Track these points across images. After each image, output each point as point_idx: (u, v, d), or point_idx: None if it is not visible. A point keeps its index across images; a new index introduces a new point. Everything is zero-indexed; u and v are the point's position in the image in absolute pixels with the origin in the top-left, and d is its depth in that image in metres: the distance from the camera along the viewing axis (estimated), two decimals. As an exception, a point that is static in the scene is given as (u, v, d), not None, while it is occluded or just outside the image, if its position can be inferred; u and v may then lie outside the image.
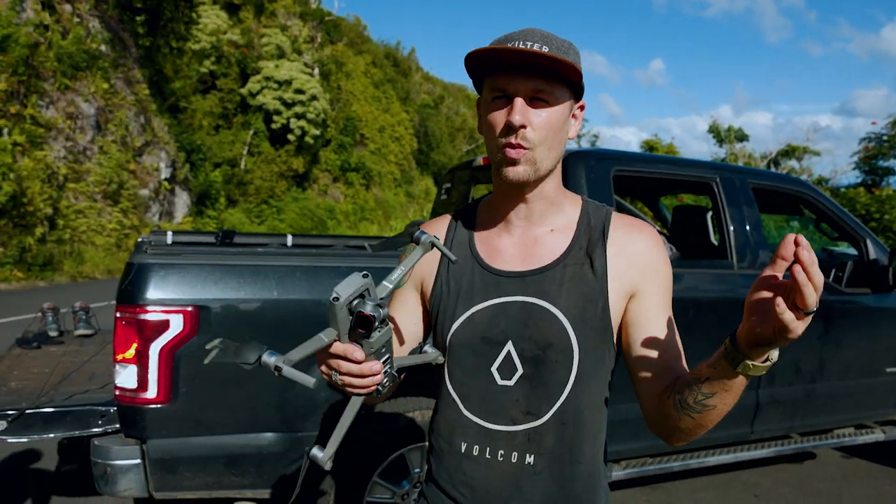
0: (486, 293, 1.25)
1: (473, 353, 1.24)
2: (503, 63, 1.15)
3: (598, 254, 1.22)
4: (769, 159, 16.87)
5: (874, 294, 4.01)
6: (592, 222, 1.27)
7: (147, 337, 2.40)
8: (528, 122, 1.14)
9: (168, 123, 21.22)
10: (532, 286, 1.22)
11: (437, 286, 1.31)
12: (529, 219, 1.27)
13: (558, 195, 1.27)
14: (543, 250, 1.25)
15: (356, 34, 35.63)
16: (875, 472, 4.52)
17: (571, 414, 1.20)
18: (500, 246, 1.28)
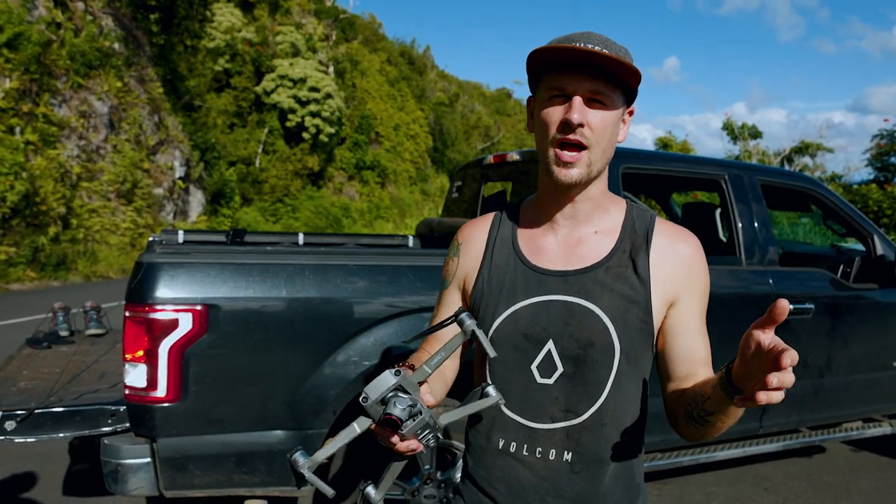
0: (528, 291, 1.27)
1: (514, 349, 1.26)
2: (564, 62, 1.16)
3: (642, 258, 1.24)
4: (783, 156, 16.76)
5: (881, 289, 4.02)
6: (637, 226, 1.28)
7: (156, 336, 2.44)
8: (586, 122, 1.16)
9: (182, 122, 21.32)
10: (575, 285, 1.24)
11: (478, 283, 1.33)
12: (575, 219, 1.28)
13: (604, 198, 1.29)
14: (587, 251, 1.27)
15: (371, 32, 35.67)
16: (883, 465, 4.55)
17: (610, 414, 1.22)
18: (544, 245, 1.30)
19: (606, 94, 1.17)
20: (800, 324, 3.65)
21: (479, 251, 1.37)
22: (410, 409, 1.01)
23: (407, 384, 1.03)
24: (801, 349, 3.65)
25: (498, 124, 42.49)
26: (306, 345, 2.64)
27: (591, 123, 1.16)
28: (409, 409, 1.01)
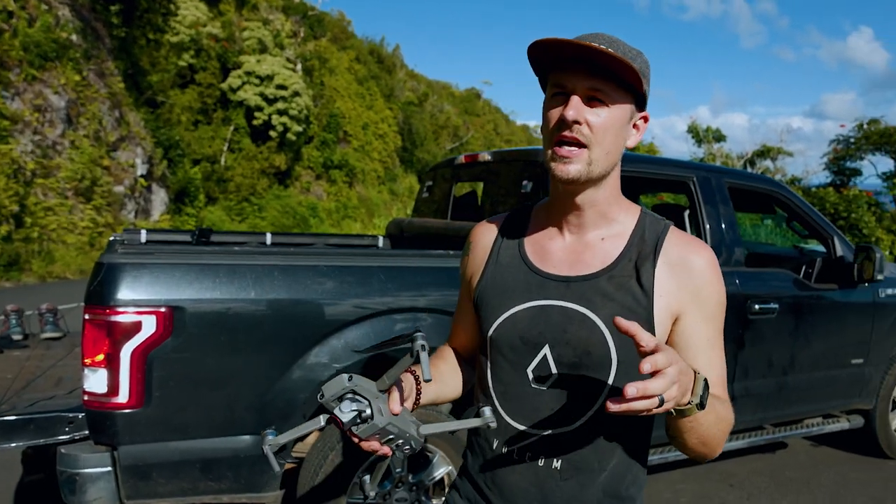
0: (528, 294, 1.26)
1: (511, 351, 1.25)
2: (563, 59, 1.16)
3: (647, 268, 1.21)
4: (745, 159, 17.04)
5: (841, 289, 4.11)
6: (646, 235, 1.25)
7: (118, 339, 2.37)
8: (583, 120, 1.14)
9: (144, 118, 20.90)
10: (575, 292, 1.22)
11: (482, 283, 1.34)
12: (581, 225, 1.26)
13: (613, 204, 1.26)
14: (592, 258, 1.25)
15: (340, 29, 35.40)
16: (841, 459, 4.68)
17: (604, 424, 1.21)
18: (549, 248, 1.29)
19: (606, 93, 1.15)
20: (765, 323, 3.70)
21: (485, 251, 1.37)
22: (359, 414, 1.06)
23: (363, 390, 1.08)
24: (766, 348, 3.75)
25: (467, 124, 42.52)
26: (275, 347, 2.60)
27: (589, 122, 1.14)
28: (355, 413, 1.06)
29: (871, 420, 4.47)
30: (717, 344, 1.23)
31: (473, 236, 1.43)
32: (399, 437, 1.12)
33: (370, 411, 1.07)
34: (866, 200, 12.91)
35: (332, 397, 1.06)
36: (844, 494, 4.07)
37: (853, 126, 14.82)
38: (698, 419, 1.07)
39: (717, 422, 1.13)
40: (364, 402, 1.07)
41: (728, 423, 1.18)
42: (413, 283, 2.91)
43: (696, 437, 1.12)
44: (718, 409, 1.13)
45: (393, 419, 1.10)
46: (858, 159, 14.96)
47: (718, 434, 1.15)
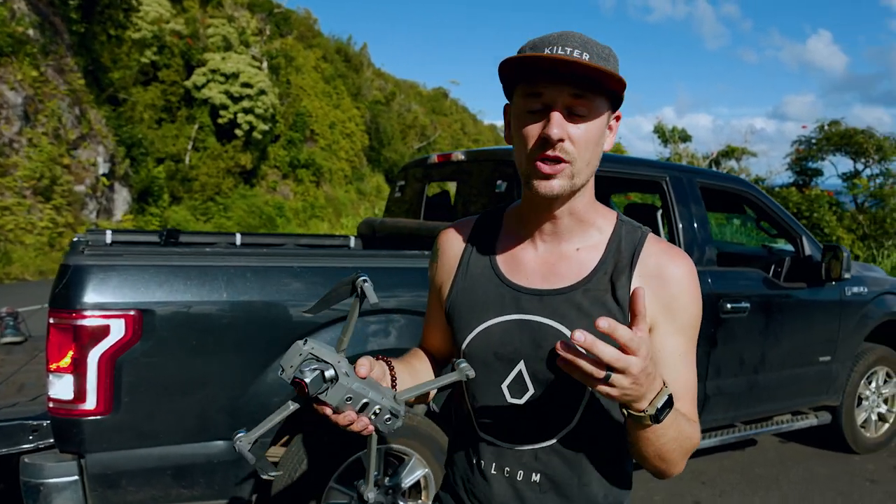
0: (502, 308, 1.21)
1: (485, 367, 1.21)
2: (541, 71, 1.08)
3: (623, 282, 1.16)
4: (711, 159, 17.28)
5: (809, 288, 4.17)
6: (623, 245, 1.19)
7: (84, 344, 2.29)
8: (567, 136, 1.08)
9: (106, 116, 20.47)
10: (549, 307, 1.18)
11: (452, 294, 1.29)
12: (557, 234, 1.21)
13: (589, 212, 1.21)
14: (567, 270, 1.19)
15: (306, 27, 35.13)
16: (809, 455, 4.74)
17: (582, 438, 1.18)
18: (522, 259, 1.23)
19: (588, 104, 1.09)
20: (737, 322, 3.74)
21: (455, 258, 1.32)
22: (322, 374, 1.00)
23: (323, 353, 1.02)
24: (737, 346, 3.78)
25: (434, 124, 42.50)
26: (248, 351, 2.54)
27: (572, 137, 1.09)
28: (317, 373, 1.00)
29: (838, 416, 4.55)
30: (689, 358, 1.18)
31: (441, 242, 1.37)
32: (375, 403, 1.04)
33: (334, 371, 1.01)
34: (827, 200, 13.19)
35: (292, 368, 1.02)
36: (812, 489, 4.14)
37: (815, 127, 15.12)
38: (655, 431, 1.04)
39: (679, 438, 1.09)
40: (326, 364, 1.02)
41: (692, 442, 1.13)
42: (388, 283, 2.88)
43: (654, 450, 1.08)
44: (682, 426, 1.09)
45: (362, 382, 1.04)
46: (820, 160, 15.26)
47: (679, 451, 1.11)
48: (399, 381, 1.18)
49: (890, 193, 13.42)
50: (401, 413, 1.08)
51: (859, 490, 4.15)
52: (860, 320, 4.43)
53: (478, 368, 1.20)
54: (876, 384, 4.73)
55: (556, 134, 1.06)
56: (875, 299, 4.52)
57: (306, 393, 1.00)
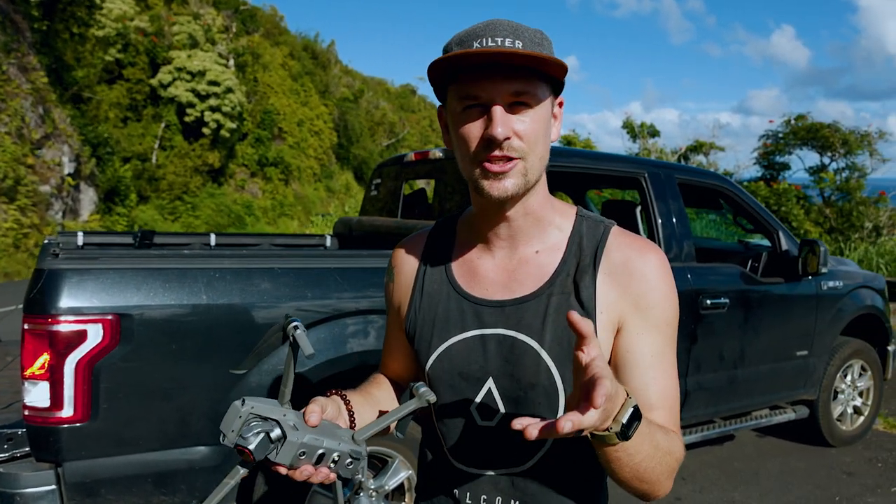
0: (463, 324, 1.12)
1: (451, 390, 1.13)
2: (472, 67, 0.99)
3: (587, 282, 1.07)
4: (679, 154, 17.41)
5: (786, 283, 4.20)
6: (584, 242, 1.11)
7: (61, 350, 2.22)
8: (512, 133, 0.99)
9: (70, 115, 20.09)
10: (513, 318, 1.09)
11: (410, 314, 1.20)
12: (513, 238, 1.12)
13: (545, 209, 1.12)
14: (527, 276, 1.11)
15: (273, 25, 34.78)
16: (787, 449, 4.79)
17: (560, 459, 1.10)
18: (479, 270, 1.15)
19: (530, 94, 1.00)
20: (715, 318, 3.76)
21: (410, 276, 1.23)
22: (267, 436, 0.93)
23: (265, 410, 0.95)
24: (717, 342, 3.80)
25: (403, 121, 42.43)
26: (229, 354, 2.48)
27: (519, 132, 0.99)
28: (262, 436, 0.93)
29: (815, 410, 4.61)
30: (665, 360, 1.07)
31: (395, 260, 1.28)
32: (332, 451, 0.98)
33: (279, 430, 0.94)
34: (795, 194, 13.38)
35: (234, 432, 0.93)
36: (790, 483, 4.19)
37: (781, 122, 15.32)
38: (626, 449, 0.92)
39: (656, 454, 0.97)
40: (270, 422, 0.95)
41: (673, 457, 1.01)
42: (367, 283, 2.84)
43: (630, 471, 0.97)
44: (657, 440, 0.98)
45: (314, 432, 0.96)
46: (787, 154, 15.46)
47: (660, 469, 0.99)
48: (357, 416, 1.11)
49: (856, 187, 13.66)
50: (362, 454, 1.01)
51: (836, 483, 4.21)
52: (836, 314, 4.48)
53: (444, 391, 1.13)
54: (851, 377, 4.80)
55: (500, 133, 0.98)
56: (850, 293, 4.58)
57: (252, 460, 0.93)
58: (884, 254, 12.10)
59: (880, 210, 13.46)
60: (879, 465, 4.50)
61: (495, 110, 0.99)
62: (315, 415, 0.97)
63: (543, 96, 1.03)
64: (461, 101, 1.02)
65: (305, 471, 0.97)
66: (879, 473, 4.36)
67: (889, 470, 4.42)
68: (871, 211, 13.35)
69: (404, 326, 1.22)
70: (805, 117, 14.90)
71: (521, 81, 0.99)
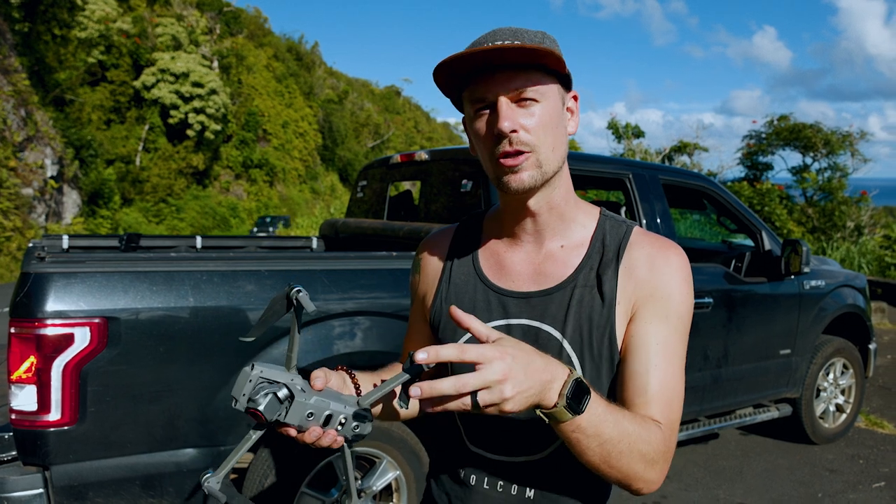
0: (489, 314, 1.17)
1: None
2: (475, 70, 1.05)
3: (609, 276, 1.11)
4: (664, 155, 17.52)
5: (769, 282, 4.24)
6: (607, 240, 1.15)
7: (48, 354, 2.22)
8: (518, 126, 1.04)
9: (53, 117, 19.93)
10: (538, 309, 1.13)
11: (436, 303, 1.25)
12: (539, 233, 1.16)
13: (569, 205, 1.16)
14: (552, 269, 1.15)
15: (256, 26, 34.70)
16: (770, 447, 4.83)
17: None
18: (507, 263, 1.19)
19: (532, 88, 1.04)
20: (700, 317, 3.80)
21: (437, 268, 1.28)
22: (275, 396, 0.96)
23: (273, 375, 0.98)
24: (701, 341, 3.83)
25: (388, 122, 42.42)
26: (216, 356, 2.48)
27: (525, 125, 1.04)
28: (271, 397, 0.96)
29: (798, 408, 4.65)
30: (671, 352, 1.08)
31: (422, 252, 1.33)
32: (339, 413, 1.00)
33: (287, 391, 0.97)
34: (778, 194, 13.52)
35: (244, 396, 0.97)
36: (774, 480, 4.23)
37: (764, 122, 15.46)
38: (583, 430, 0.93)
39: (625, 440, 0.96)
40: (279, 384, 0.97)
41: (651, 447, 1.00)
42: (354, 285, 2.85)
43: (594, 455, 0.96)
44: (625, 426, 0.97)
45: (320, 395, 0.99)
46: (770, 154, 15.61)
47: (632, 457, 0.98)
48: (363, 388, 1.14)
49: (838, 187, 13.82)
50: (368, 417, 1.03)
51: (820, 480, 4.26)
52: (818, 313, 4.54)
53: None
54: (833, 375, 4.86)
55: (506, 126, 1.02)
56: (832, 292, 4.64)
57: (264, 420, 0.96)
58: (865, 253, 12.26)
59: (862, 210, 13.62)
60: (861, 462, 4.56)
61: (500, 106, 1.04)
62: (320, 380, 1.00)
63: (547, 89, 1.07)
64: (473, 105, 1.08)
65: (314, 432, 0.99)
66: (861, 470, 4.42)
67: (870, 466, 4.48)
68: (852, 210, 13.51)
69: (429, 316, 1.26)
70: (788, 118, 15.05)
71: (522, 77, 1.04)
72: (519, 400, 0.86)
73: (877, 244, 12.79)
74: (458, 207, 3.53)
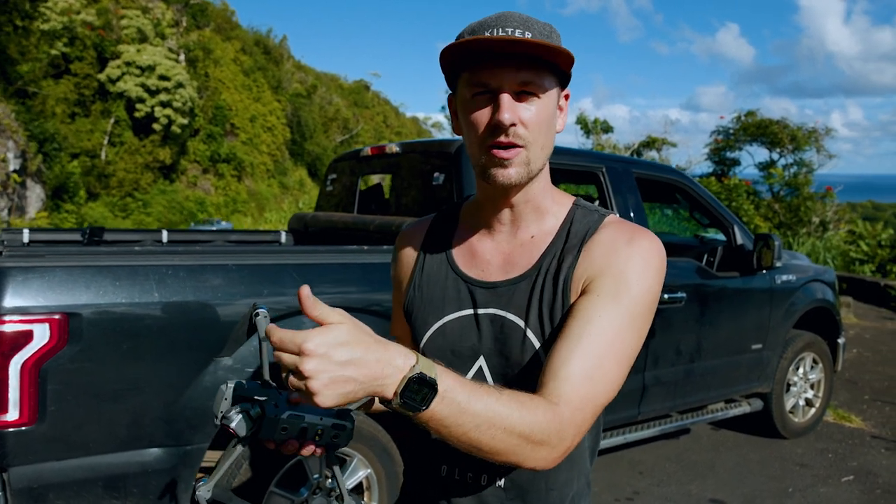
0: (459, 303, 1.17)
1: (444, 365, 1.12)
2: (483, 55, 1.03)
3: (569, 261, 1.10)
4: (633, 150, 17.61)
5: (741, 277, 4.25)
6: (574, 228, 1.14)
7: (5, 352, 2.13)
8: (519, 120, 1.03)
9: (15, 110, 19.51)
10: (504, 298, 1.14)
11: (409, 293, 1.25)
12: (514, 224, 1.17)
13: (545, 197, 1.17)
14: (520, 258, 1.15)
15: (224, 19, 34.29)
16: (741, 442, 4.85)
17: None
18: (479, 252, 1.20)
19: (537, 83, 1.04)
20: (673, 312, 3.80)
21: (412, 258, 1.29)
22: (247, 414, 0.98)
23: (247, 391, 1.01)
24: (674, 336, 3.83)
25: (357, 116, 42.25)
26: (183, 353, 2.41)
27: (524, 120, 1.03)
28: (241, 415, 0.98)
29: (769, 402, 4.68)
30: (615, 331, 1.02)
31: (399, 243, 1.34)
32: (315, 426, 1.00)
33: (259, 408, 0.98)
34: (745, 189, 13.67)
35: (224, 413, 0.99)
36: (745, 475, 4.25)
37: (732, 118, 15.61)
38: (437, 420, 0.87)
39: (496, 424, 0.90)
40: (252, 402, 0.99)
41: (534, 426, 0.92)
42: (325, 280, 2.79)
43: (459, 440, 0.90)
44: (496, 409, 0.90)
45: (295, 408, 0.99)
46: (737, 150, 15.77)
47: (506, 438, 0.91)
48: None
49: (804, 182, 14.01)
50: (347, 427, 1.03)
51: (790, 474, 4.28)
52: (789, 308, 4.56)
53: None
54: (803, 370, 4.89)
55: (507, 119, 1.02)
56: (803, 287, 4.67)
57: (238, 437, 0.98)
58: (830, 248, 12.46)
59: (826, 205, 13.85)
60: (830, 456, 4.60)
61: (503, 97, 1.03)
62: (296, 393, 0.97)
63: (550, 87, 1.07)
64: (471, 88, 1.06)
65: (291, 445, 1.00)
66: (830, 464, 4.46)
67: (839, 460, 4.53)
68: (818, 206, 13.73)
69: (403, 305, 1.27)
70: (755, 113, 15.22)
71: (529, 71, 1.03)
72: (330, 394, 0.81)
73: (841, 239, 13.01)
74: (429, 200, 3.48)
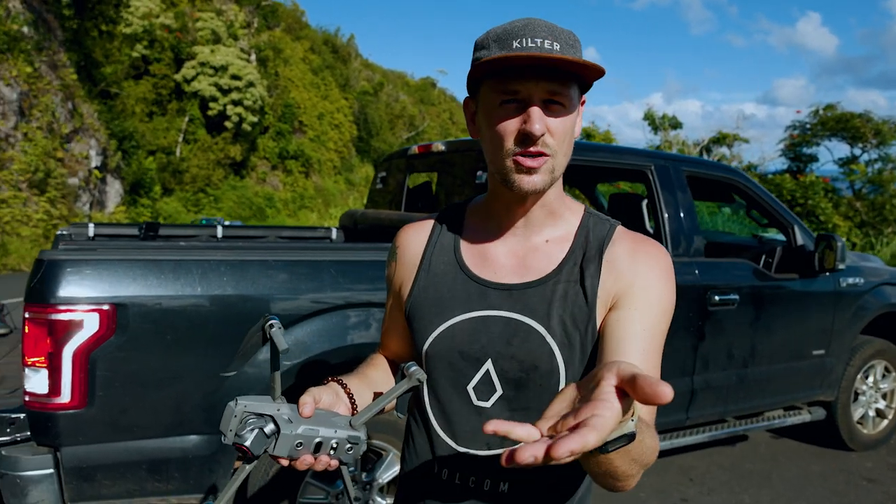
0: (468, 304, 1.16)
1: (450, 368, 1.15)
2: (515, 67, 1.03)
3: (592, 271, 1.12)
4: (702, 146, 17.16)
5: (801, 279, 4.08)
6: (591, 236, 1.16)
7: (59, 339, 2.26)
8: (548, 130, 1.05)
9: (98, 110, 20.42)
10: (519, 301, 1.12)
11: (413, 293, 1.22)
12: (526, 227, 1.17)
13: (559, 203, 1.17)
14: (536, 262, 1.15)
15: (294, 20, 34.99)
16: (802, 452, 4.65)
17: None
18: (490, 254, 1.19)
19: (564, 94, 1.05)
20: (725, 314, 3.69)
21: (415, 257, 1.25)
22: (261, 431, 0.98)
23: (258, 407, 0.99)
24: (726, 339, 3.73)
25: (423, 113, 42.44)
26: (223, 345, 2.50)
27: (551, 129, 1.05)
28: (258, 431, 0.98)
29: (833, 412, 4.46)
30: (655, 341, 1.07)
31: (400, 240, 1.30)
32: (329, 439, 1.01)
33: (273, 425, 0.98)
34: (823, 187, 13.01)
35: (233, 432, 0.98)
36: (805, 487, 4.06)
37: (809, 112, 14.97)
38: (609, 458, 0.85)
39: (639, 460, 0.91)
40: (265, 418, 0.99)
41: (653, 455, 0.95)
42: (369, 276, 2.83)
43: (604, 470, 0.90)
44: (645, 443, 0.90)
45: (309, 423, 1.00)
46: (815, 145, 15.13)
47: (636, 468, 0.93)
48: (357, 398, 1.13)
49: (889, 179, 13.29)
50: (361, 438, 1.04)
51: (856, 489, 4.06)
52: (856, 312, 4.32)
53: (442, 369, 1.15)
54: (874, 378, 4.63)
55: (538, 129, 1.02)
56: (872, 290, 4.42)
57: (251, 455, 0.98)
58: (918, 249, 11.81)
59: (915, 203, 13.09)
60: (900, 470, 4.36)
61: (533, 109, 1.03)
62: (308, 406, 1.01)
63: (574, 97, 1.08)
64: (499, 96, 1.06)
65: (305, 461, 1.01)
66: (900, 479, 4.22)
67: (910, 475, 4.28)
68: (905, 204, 13.00)
69: (404, 307, 1.24)
70: (834, 107, 14.57)
71: (558, 83, 1.04)
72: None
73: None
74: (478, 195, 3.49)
